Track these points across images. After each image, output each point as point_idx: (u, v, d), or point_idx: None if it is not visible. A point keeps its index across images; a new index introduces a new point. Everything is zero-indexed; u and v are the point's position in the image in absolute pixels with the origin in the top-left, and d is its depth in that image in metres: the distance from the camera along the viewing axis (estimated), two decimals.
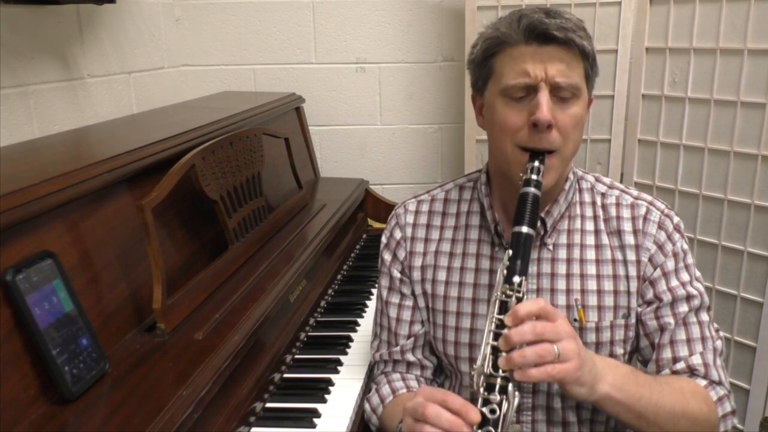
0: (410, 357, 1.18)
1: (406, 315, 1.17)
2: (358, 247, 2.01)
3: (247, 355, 1.14)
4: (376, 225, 2.23)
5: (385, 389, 1.17)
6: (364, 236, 2.12)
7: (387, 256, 1.19)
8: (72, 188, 1.02)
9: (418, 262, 1.16)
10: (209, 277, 1.24)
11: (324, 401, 1.22)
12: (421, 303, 1.16)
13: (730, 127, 1.73)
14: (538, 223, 1.05)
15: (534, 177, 0.96)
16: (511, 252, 0.93)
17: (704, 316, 1.07)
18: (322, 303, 1.61)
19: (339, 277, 1.78)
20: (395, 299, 1.18)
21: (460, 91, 2.24)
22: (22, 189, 0.93)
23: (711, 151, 1.78)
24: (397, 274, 1.17)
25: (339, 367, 1.34)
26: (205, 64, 2.31)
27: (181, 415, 0.89)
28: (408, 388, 1.16)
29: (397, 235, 1.18)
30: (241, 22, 2.27)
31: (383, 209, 2.22)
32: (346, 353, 1.40)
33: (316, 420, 1.15)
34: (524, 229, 0.94)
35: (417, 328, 1.18)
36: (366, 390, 1.28)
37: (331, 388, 1.26)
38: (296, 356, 1.38)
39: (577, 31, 0.96)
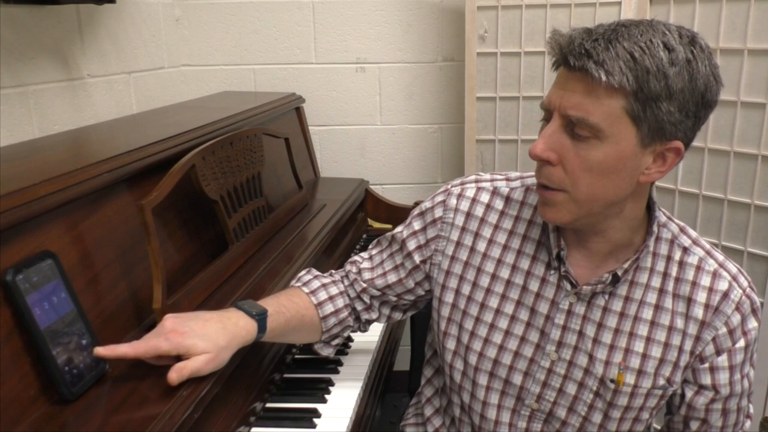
0: (365, 299, 1.17)
1: (392, 278, 1.15)
2: (358, 247, 2.01)
3: (247, 355, 1.14)
4: (377, 225, 2.23)
5: (309, 279, 1.17)
6: (364, 236, 2.12)
7: (417, 225, 1.12)
8: (72, 188, 1.01)
9: (463, 255, 1.07)
10: (209, 277, 1.24)
11: (324, 401, 1.22)
12: (449, 298, 1.09)
13: (730, 127, 1.73)
14: (609, 276, 0.97)
15: None
16: None
17: (744, 402, 1.03)
18: None
19: None
20: (398, 259, 1.14)
21: (460, 91, 2.24)
22: (22, 189, 0.93)
23: (711, 151, 1.78)
24: (412, 245, 1.12)
25: (339, 367, 1.34)
26: (205, 64, 2.31)
27: (181, 415, 0.89)
28: (319, 304, 1.15)
29: (438, 212, 1.09)
30: (241, 22, 2.27)
31: (383, 209, 2.22)
32: (346, 353, 1.40)
33: (316, 420, 1.15)
34: None
35: (390, 293, 1.16)
36: (366, 390, 1.28)
37: (331, 388, 1.26)
38: (296, 356, 1.38)
39: (609, 62, 0.81)
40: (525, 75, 2.02)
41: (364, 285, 1.17)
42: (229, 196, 1.38)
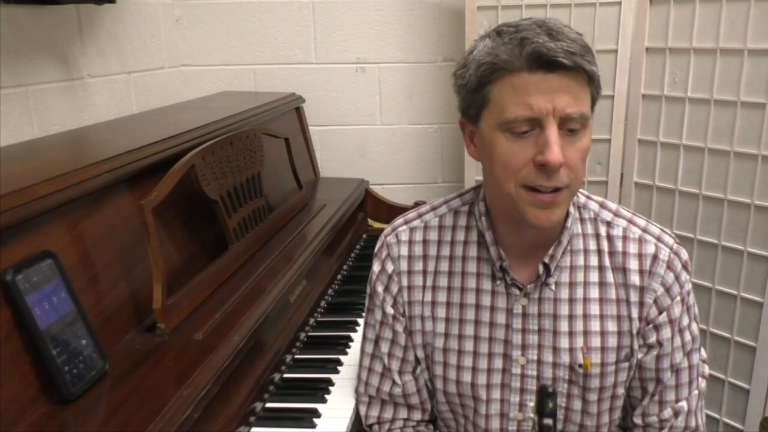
0: (414, 400, 1.12)
1: (399, 352, 1.11)
2: (358, 247, 2.01)
3: (247, 355, 1.14)
4: (376, 225, 2.22)
5: None
6: (364, 236, 2.12)
7: (380, 289, 1.10)
8: (72, 188, 1.02)
9: (418, 296, 1.08)
10: (209, 277, 1.24)
11: (324, 401, 1.22)
12: (418, 340, 1.09)
13: (730, 127, 1.73)
14: (541, 268, 1.00)
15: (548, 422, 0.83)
16: None
17: (695, 358, 1.06)
18: (322, 303, 1.61)
19: (339, 277, 1.78)
20: (388, 334, 1.11)
21: None
22: (22, 189, 0.94)
23: (711, 151, 1.78)
24: (390, 310, 1.09)
25: (339, 367, 1.34)
26: (205, 64, 2.31)
27: (181, 415, 0.89)
28: None
29: (389, 268, 1.09)
30: (241, 22, 2.27)
31: (383, 209, 2.22)
32: (346, 353, 1.40)
33: (316, 420, 1.15)
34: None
35: (410, 367, 1.11)
36: None
37: (331, 388, 1.26)
38: (296, 356, 1.38)
39: (585, 55, 0.87)
40: None
41: (398, 390, 1.12)
42: (229, 196, 1.39)
